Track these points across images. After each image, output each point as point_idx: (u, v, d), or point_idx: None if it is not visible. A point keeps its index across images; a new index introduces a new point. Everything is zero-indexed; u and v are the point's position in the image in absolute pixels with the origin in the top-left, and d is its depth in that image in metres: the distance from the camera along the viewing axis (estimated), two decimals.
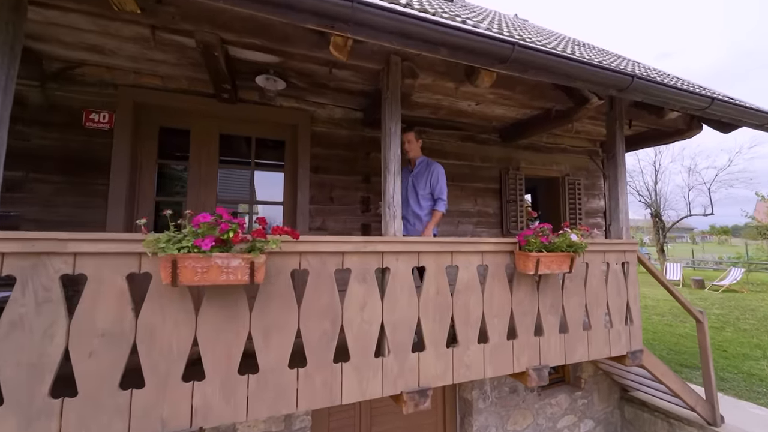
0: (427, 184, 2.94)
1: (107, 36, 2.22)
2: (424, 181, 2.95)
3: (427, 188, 2.94)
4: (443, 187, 2.92)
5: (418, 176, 2.99)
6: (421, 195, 2.95)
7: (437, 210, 2.89)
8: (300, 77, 2.77)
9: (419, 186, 2.96)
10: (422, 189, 2.95)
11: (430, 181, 2.94)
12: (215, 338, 1.74)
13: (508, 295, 2.47)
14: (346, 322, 2.00)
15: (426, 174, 2.96)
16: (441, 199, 2.90)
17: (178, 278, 1.53)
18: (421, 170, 3.00)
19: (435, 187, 2.92)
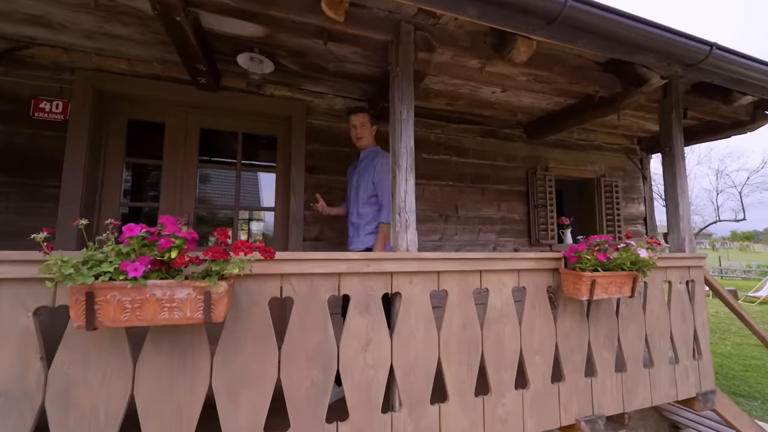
0: (369, 183, 2.18)
1: (49, 1, 1.80)
2: (366, 180, 2.21)
3: (368, 189, 2.19)
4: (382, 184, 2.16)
5: (362, 173, 2.26)
6: (361, 199, 2.22)
7: (382, 222, 2.11)
8: (292, 57, 2.32)
9: (360, 186, 2.24)
10: (363, 190, 2.22)
11: (372, 178, 2.16)
12: (162, 396, 1.27)
13: (552, 326, 1.95)
14: (343, 366, 1.51)
15: (369, 170, 2.20)
16: (386, 207, 2.11)
17: (96, 318, 1.06)
18: (366, 165, 2.26)
19: (380, 188, 2.14)
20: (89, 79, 2.29)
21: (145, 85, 2.43)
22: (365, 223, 2.23)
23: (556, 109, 3.21)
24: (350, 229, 2.37)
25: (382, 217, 2.16)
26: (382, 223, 2.15)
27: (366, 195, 2.23)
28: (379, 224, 2.17)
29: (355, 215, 2.29)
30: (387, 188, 2.13)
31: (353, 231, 2.32)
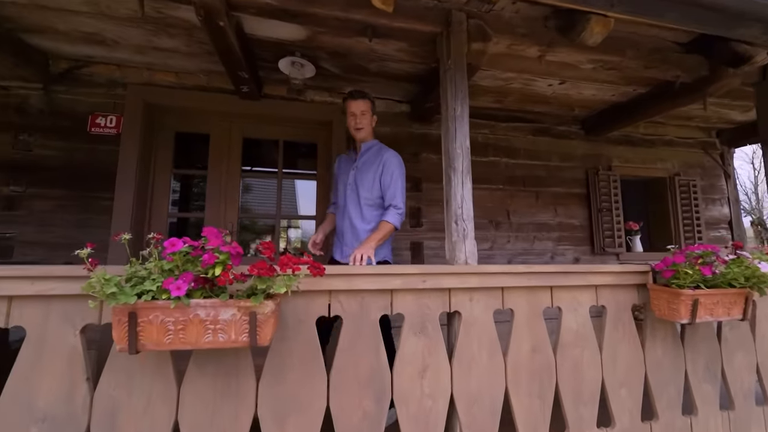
0: (375, 183, 1.92)
1: (102, 18, 1.85)
2: (371, 178, 1.92)
3: (374, 189, 1.92)
4: (399, 190, 1.89)
5: (364, 169, 1.96)
6: (365, 198, 1.93)
7: (386, 221, 1.83)
8: (333, 59, 2.24)
9: (363, 184, 1.94)
10: (366, 189, 1.93)
11: (381, 178, 1.91)
12: (207, 423, 1.17)
13: (640, 353, 1.65)
14: (398, 396, 1.34)
15: (375, 166, 1.93)
16: (395, 207, 1.87)
17: (139, 341, 0.98)
18: (369, 159, 1.97)
19: (387, 188, 1.89)
20: (140, 93, 2.35)
21: (192, 96, 2.46)
22: (371, 228, 1.90)
23: (622, 101, 2.86)
24: (347, 235, 1.95)
25: (389, 217, 1.84)
26: (386, 221, 1.84)
27: (372, 195, 1.92)
28: (382, 222, 1.85)
29: (357, 218, 1.93)
30: (399, 188, 1.90)
31: (352, 237, 1.93)
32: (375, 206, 1.93)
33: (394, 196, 1.88)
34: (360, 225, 1.92)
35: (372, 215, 1.92)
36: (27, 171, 2.16)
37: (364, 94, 2.00)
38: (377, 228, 1.84)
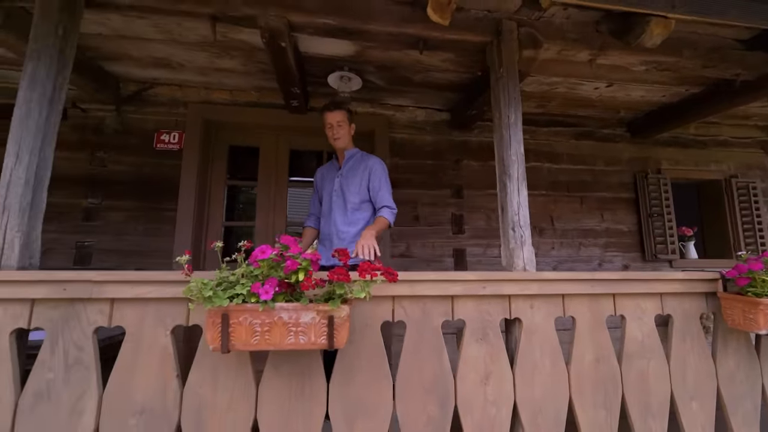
0: (361, 188, 1.99)
1: (172, 44, 2.02)
2: (357, 183, 2.00)
3: (360, 193, 1.99)
4: (388, 192, 1.97)
5: (349, 176, 2.03)
6: (351, 203, 1.98)
7: (383, 216, 1.88)
8: (379, 72, 2.32)
9: (349, 189, 2.01)
10: (353, 194, 1.99)
11: (368, 182, 1.98)
12: (282, 421, 1.24)
13: (711, 365, 1.58)
14: (461, 402, 1.36)
15: (360, 173, 2.01)
16: (388, 207, 1.93)
17: (230, 341, 1.06)
18: (353, 166, 2.05)
19: (377, 192, 1.96)
20: (199, 111, 2.53)
21: (244, 112, 2.62)
22: (358, 230, 1.95)
23: (673, 102, 2.76)
24: (334, 240, 2.00)
25: (384, 213, 1.89)
26: (382, 216, 1.88)
27: (358, 200, 1.99)
28: (379, 217, 1.89)
29: (343, 223, 1.98)
30: (387, 191, 1.97)
31: (338, 242, 1.98)
32: (360, 210, 2.00)
33: (384, 198, 1.95)
34: (345, 228, 1.98)
35: (357, 218, 1.98)
36: (102, 185, 2.37)
37: (339, 105, 2.05)
38: (374, 222, 1.88)
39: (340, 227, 1.99)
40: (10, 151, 1.30)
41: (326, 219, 2.07)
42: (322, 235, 2.11)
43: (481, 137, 2.95)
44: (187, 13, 1.60)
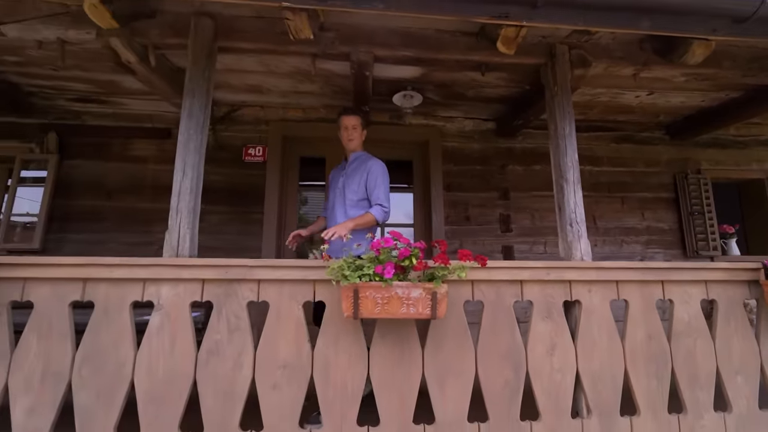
0: (360, 187, 2.13)
1: (268, 74, 2.41)
2: (357, 181, 2.14)
3: (359, 192, 2.13)
4: (383, 192, 2.09)
5: (352, 175, 2.18)
6: (349, 200, 2.13)
7: (370, 212, 2.03)
8: (437, 89, 2.63)
9: (349, 187, 2.15)
10: (352, 192, 2.14)
11: (366, 182, 2.12)
12: (388, 379, 1.55)
13: (754, 345, 1.76)
14: (531, 369, 1.62)
15: (360, 173, 2.15)
16: (380, 205, 2.06)
17: (360, 310, 1.39)
18: (356, 167, 2.20)
19: (372, 190, 2.10)
20: (278, 128, 2.93)
21: (315, 127, 2.99)
22: None
23: (713, 106, 2.90)
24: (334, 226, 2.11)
25: (373, 210, 2.05)
26: (370, 212, 2.04)
27: (355, 198, 2.14)
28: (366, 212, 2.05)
29: (342, 217, 2.12)
30: (383, 190, 2.10)
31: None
32: (358, 207, 2.12)
33: (378, 196, 2.08)
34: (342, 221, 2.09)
35: (353, 214, 2.10)
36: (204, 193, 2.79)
37: (355, 111, 2.25)
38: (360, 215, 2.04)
39: (339, 221, 2.10)
40: (178, 168, 1.70)
41: (330, 214, 2.24)
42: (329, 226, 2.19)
43: (524, 144, 3.19)
44: (294, 52, 1.97)
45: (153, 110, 2.85)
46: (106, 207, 2.75)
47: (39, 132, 2.79)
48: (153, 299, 1.52)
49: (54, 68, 2.35)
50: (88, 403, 1.43)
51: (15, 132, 2.79)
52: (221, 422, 1.47)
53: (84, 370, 1.45)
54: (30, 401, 1.41)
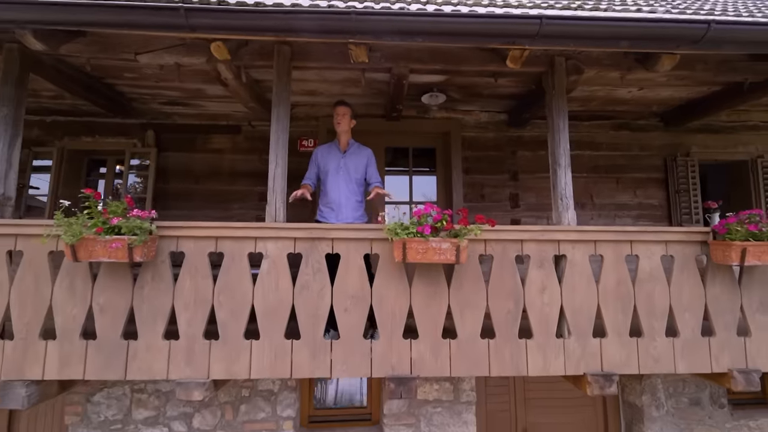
0: (361, 169, 2.73)
1: (322, 82, 2.98)
2: (358, 164, 2.73)
3: (359, 172, 2.72)
4: (377, 174, 2.78)
5: (352, 158, 2.75)
6: (354, 179, 2.71)
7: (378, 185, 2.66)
8: (458, 90, 3.14)
9: (353, 168, 2.72)
10: (355, 172, 2.71)
11: (367, 168, 2.74)
12: (424, 308, 2.18)
13: (701, 289, 2.30)
14: (528, 303, 2.22)
15: (359, 157, 2.75)
16: (379, 182, 2.72)
17: (407, 257, 2.01)
18: (354, 152, 2.77)
19: (373, 173, 2.75)
20: (325, 123, 3.51)
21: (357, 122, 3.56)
22: (358, 198, 2.71)
23: (698, 97, 3.30)
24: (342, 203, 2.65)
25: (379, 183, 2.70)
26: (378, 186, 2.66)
27: (357, 176, 2.71)
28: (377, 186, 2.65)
29: (350, 192, 2.68)
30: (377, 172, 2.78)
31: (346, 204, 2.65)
32: (358, 184, 2.73)
33: (378, 178, 2.75)
34: (351, 195, 2.69)
35: (356, 189, 2.71)
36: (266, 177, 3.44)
37: (346, 103, 2.74)
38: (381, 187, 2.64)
39: (349, 195, 2.67)
40: (272, 160, 2.33)
41: (332, 187, 2.68)
42: (328, 200, 2.71)
43: (532, 132, 3.67)
44: (349, 68, 2.53)
45: (227, 111, 3.49)
46: (194, 189, 3.45)
47: (140, 130, 3.48)
48: (262, 251, 2.18)
49: (156, 80, 2.99)
50: (224, 319, 2.12)
51: (121, 130, 3.49)
52: (311, 333, 2.14)
53: (221, 297, 2.14)
54: (188, 316, 2.12)
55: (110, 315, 2.09)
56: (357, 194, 2.73)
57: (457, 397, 3.14)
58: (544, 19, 1.87)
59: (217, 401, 2.94)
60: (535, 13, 1.90)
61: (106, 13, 1.81)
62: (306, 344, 2.12)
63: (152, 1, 1.78)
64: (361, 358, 2.13)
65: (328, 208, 2.71)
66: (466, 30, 1.95)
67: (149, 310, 2.10)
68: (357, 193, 2.72)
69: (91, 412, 2.88)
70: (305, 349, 2.12)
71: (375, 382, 3.30)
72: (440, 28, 1.96)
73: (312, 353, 2.12)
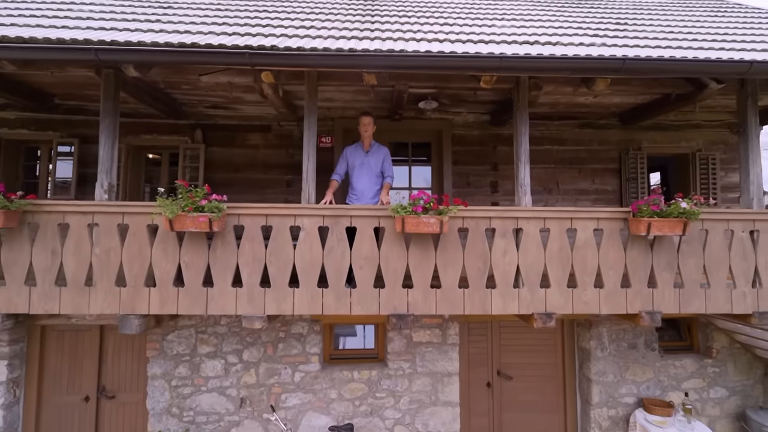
0: (378, 164, 3.45)
1: (337, 92, 3.69)
2: (377, 162, 3.46)
3: (378, 168, 3.45)
4: (391, 170, 3.53)
5: (373, 157, 3.47)
6: (375, 173, 3.46)
7: (387, 182, 3.47)
8: (448, 98, 3.84)
9: (374, 164, 3.46)
10: (376, 167, 3.46)
11: (383, 164, 3.47)
12: (418, 266, 2.97)
13: (622, 253, 3.08)
14: (493, 263, 3.01)
15: (379, 155, 3.48)
16: (390, 177, 3.49)
17: (405, 229, 2.79)
18: (374, 151, 3.50)
19: (388, 168, 3.49)
20: (341, 123, 4.24)
21: None
22: (377, 188, 3.45)
23: (644, 102, 3.99)
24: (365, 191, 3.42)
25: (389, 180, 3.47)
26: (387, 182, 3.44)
27: (378, 170, 3.46)
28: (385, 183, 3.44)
29: (372, 183, 3.44)
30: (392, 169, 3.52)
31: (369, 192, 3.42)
32: (377, 176, 3.47)
33: (391, 172, 3.50)
34: (372, 186, 3.45)
35: (376, 180, 3.46)
36: (293, 168, 4.20)
37: (371, 114, 3.45)
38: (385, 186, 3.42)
39: (371, 185, 3.44)
40: (305, 156, 3.08)
41: (357, 179, 3.44)
42: (357, 188, 3.47)
43: (510, 131, 4.33)
44: (361, 84, 3.24)
45: (260, 113, 4.20)
46: (235, 177, 4.22)
47: (189, 129, 4.21)
48: (300, 225, 2.97)
49: (206, 91, 3.70)
50: (274, 273, 2.93)
51: (174, 129, 4.22)
52: (336, 283, 2.94)
53: (271, 257, 2.94)
54: (248, 271, 2.92)
55: (193, 269, 2.90)
56: (376, 184, 3.49)
57: (445, 340, 3.99)
58: (504, 58, 2.58)
59: (260, 341, 3.81)
60: (497, 52, 2.60)
61: (193, 56, 2.53)
62: (332, 291, 2.93)
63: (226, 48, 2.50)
64: (372, 301, 2.95)
65: (355, 196, 3.52)
66: (448, 65, 2.67)
67: (221, 266, 2.91)
68: (376, 183, 3.49)
69: (166, 348, 3.76)
70: (332, 294, 2.94)
71: (381, 330, 4.16)
72: (428, 64, 2.67)
73: (336, 297, 2.94)
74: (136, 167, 4.26)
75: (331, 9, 4.05)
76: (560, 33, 3.31)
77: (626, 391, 4.10)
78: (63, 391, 3.95)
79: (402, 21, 3.62)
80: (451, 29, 3.41)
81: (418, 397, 3.90)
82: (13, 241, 2.85)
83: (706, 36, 3.47)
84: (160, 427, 3.68)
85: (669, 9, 4.77)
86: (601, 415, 4.09)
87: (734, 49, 3.10)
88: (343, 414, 3.82)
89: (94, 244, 2.86)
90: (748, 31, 3.89)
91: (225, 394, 3.75)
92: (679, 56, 2.71)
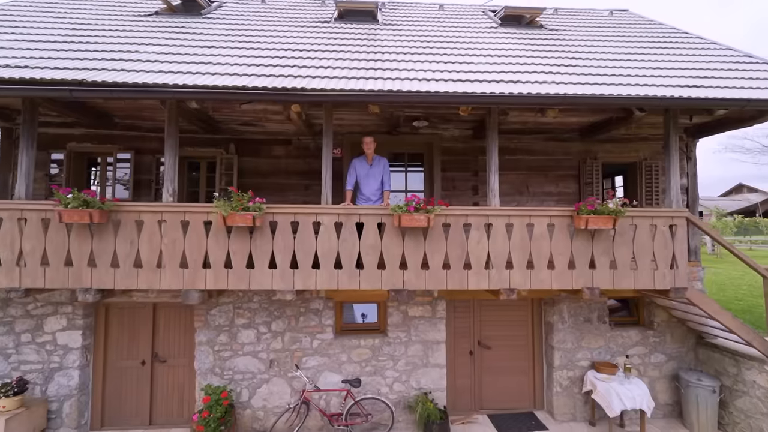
0: (380, 175, 4.32)
1: (348, 114, 4.51)
2: (378, 173, 4.33)
3: (380, 176, 4.32)
4: (390, 180, 4.42)
5: (376, 168, 4.34)
6: (377, 182, 4.33)
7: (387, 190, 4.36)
8: (436, 118, 4.67)
9: (377, 177, 4.33)
10: (377, 179, 4.33)
11: (383, 175, 4.33)
12: (412, 252, 3.82)
13: (569, 242, 3.92)
14: (469, 250, 3.85)
15: (380, 167, 4.34)
16: (389, 185, 4.38)
17: (401, 224, 3.62)
18: (377, 164, 4.36)
19: (387, 179, 4.35)
20: (348, 138, 5.06)
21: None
22: (379, 195, 4.33)
23: (597, 121, 4.82)
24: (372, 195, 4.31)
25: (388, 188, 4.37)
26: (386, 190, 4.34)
27: (380, 179, 4.33)
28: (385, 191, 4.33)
29: (375, 190, 4.32)
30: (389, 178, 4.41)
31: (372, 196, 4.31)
32: (378, 186, 4.33)
33: (389, 181, 4.38)
34: (376, 191, 4.32)
35: (380, 187, 4.34)
36: (311, 174, 5.02)
37: (372, 134, 4.39)
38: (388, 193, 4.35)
39: (375, 192, 4.32)
40: (324, 166, 3.90)
41: (366, 186, 4.32)
42: (364, 195, 4.37)
43: None
44: (367, 111, 4.06)
45: (281, 129, 5.02)
46: (263, 183, 5.04)
47: (224, 142, 5.03)
48: (321, 221, 3.80)
49: (240, 113, 4.52)
50: (301, 257, 3.76)
51: (212, 143, 5.04)
52: (348, 265, 3.78)
53: (297, 245, 3.77)
54: (281, 257, 3.75)
55: (239, 255, 3.73)
56: (379, 189, 4.38)
57: (434, 314, 4.84)
58: (475, 96, 3.41)
59: (285, 314, 4.65)
60: (470, 91, 3.42)
61: (243, 96, 3.35)
62: (346, 272, 3.77)
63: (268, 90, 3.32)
64: (375, 279, 3.78)
65: (363, 200, 4.41)
66: (433, 101, 3.50)
67: (260, 253, 3.74)
68: (379, 189, 4.38)
69: (210, 320, 4.59)
70: (345, 274, 3.77)
71: (382, 307, 5.00)
72: (419, 100, 3.49)
73: (349, 276, 3.78)
74: (181, 174, 5.07)
75: (341, 46, 4.86)
76: (522, 71, 4.14)
77: (582, 356, 4.95)
78: (123, 357, 4.79)
79: (399, 59, 4.44)
80: (437, 66, 4.23)
81: (412, 360, 4.76)
82: (102, 233, 3.67)
83: (638, 72, 4.29)
84: (205, 383, 4.52)
85: (620, 40, 5.60)
86: (562, 376, 4.95)
87: (657, 85, 3.92)
88: (352, 373, 4.67)
89: (163, 236, 3.69)
90: (681, 64, 4.71)
91: (257, 357, 4.59)
92: (607, 93, 3.54)
